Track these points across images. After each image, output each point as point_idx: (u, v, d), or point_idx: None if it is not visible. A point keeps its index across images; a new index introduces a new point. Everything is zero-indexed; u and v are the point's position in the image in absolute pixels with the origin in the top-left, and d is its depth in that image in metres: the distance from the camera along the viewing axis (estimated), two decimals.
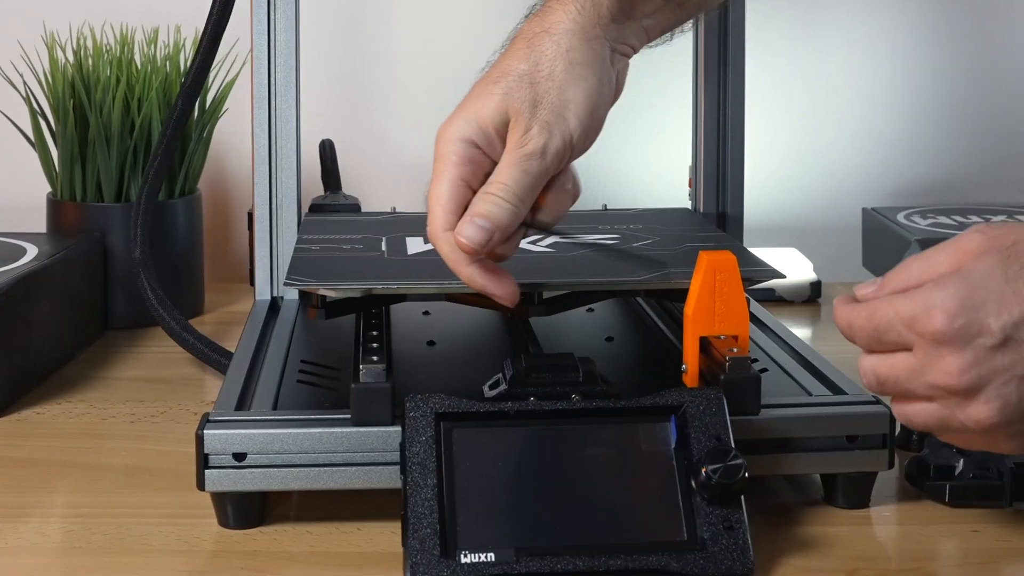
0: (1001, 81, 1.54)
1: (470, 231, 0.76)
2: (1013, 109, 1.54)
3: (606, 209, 1.18)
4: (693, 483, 0.74)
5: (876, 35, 1.53)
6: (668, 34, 0.84)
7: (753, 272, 0.90)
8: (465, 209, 0.78)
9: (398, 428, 0.78)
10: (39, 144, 1.28)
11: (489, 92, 0.77)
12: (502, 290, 0.79)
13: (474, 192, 0.78)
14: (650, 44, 0.83)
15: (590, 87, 0.78)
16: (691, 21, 0.85)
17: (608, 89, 0.80)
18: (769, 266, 0.92)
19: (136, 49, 1.29)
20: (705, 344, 0.81)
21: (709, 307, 0.81)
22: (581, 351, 0.82)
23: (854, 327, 0.70)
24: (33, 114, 1.27)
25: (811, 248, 1.44)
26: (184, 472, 0.88)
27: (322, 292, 0.86)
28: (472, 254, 0.77)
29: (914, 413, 0.69)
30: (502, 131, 0.77)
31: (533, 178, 0.77)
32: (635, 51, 0.82)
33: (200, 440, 0.79)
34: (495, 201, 0.77)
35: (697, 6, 0.84)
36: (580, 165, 1.56)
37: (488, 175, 0.78)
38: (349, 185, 1.35)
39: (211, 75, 1.22)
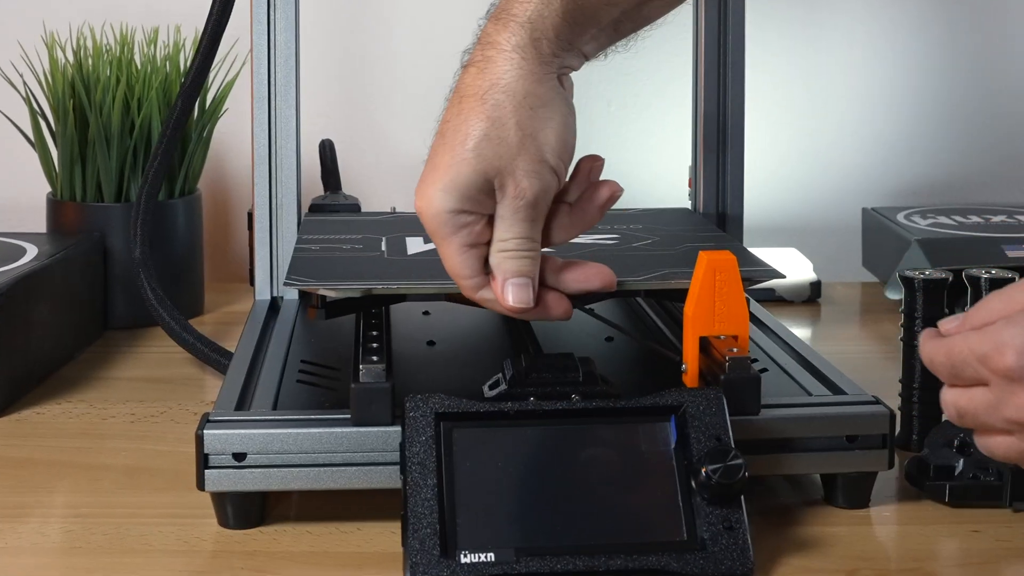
0: (1001, 81, 1.54)
1: (517, 294, 0.79)
2: (1013, 109, 1.54)
3: None
4: (693, 483, 0.74)
5: (876, 35, 1.53)
6: (603, 53, 0.84)
7: (753, 272, 0.90)
8: (484, 263, 0.80)
9: (398, 428, 0.78)
10: (39, 144, 1.28)
11: (461, 158, 0.77)
12: (560, 311, 0.82)
13: (483, 245, 0.79)
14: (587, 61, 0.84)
15: (557, 124, 0.79)
16: (627, 39, 0.85)
17: (571, 116, 0.81)
18: (769, 266, 0.92)
19: (136, 49, 1.29)
20: (705, 344, 0.81)
21: (709, 307, 0.81)
22: (581, 351, 0.82)
23: (935, 362, 0.71)
24: (33, 114, 1.27)
25: (811, 248, 1.44)
26: (184, 472, 0.88)
27: (322, 292, 0.86)
28: (527, 310, 0.80)
29: (995, 445, 0.70)
30: (487, 190, 0.78)
31: (538, 222, 0.80)
32: (576, 69, 0.82)
33: (200, 440, 0.79)
34: (518, 255, 0.79)
35: (632, 29, 0.84)
36: None
37: (485, 225, 0.79)
38: (349, 185, 1.35)
39: (211, 75, 1.22)
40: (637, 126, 1.50)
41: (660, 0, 0.82)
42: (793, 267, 1.37)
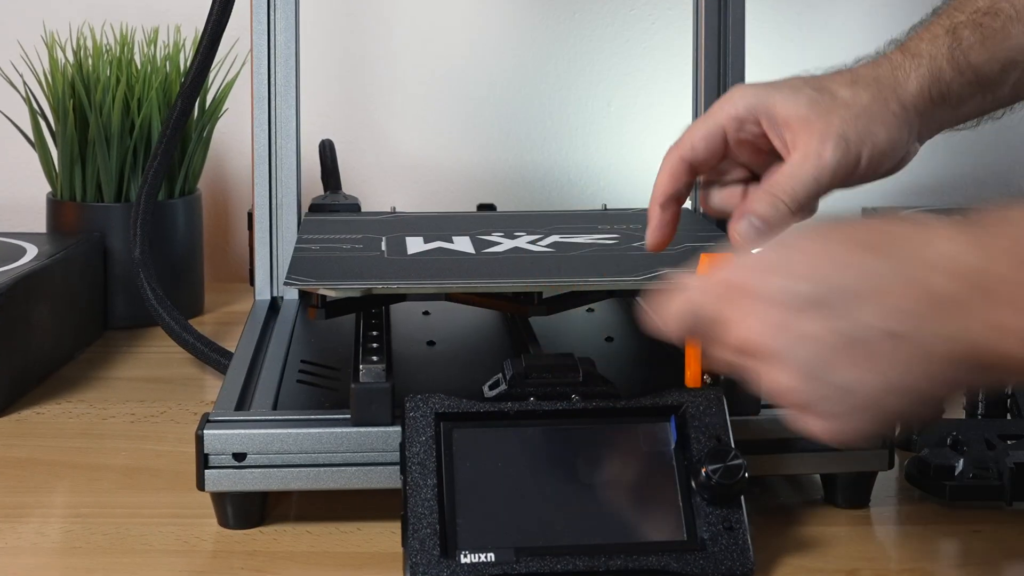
0: None
1: (745, 228, 0.78)
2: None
3: (606, 209, 1.18)
4: (693, 483, 0.74)
5: (876, 34, 1.53)
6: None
7: None
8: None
9: (398, 428, 0.78)
10: (39, 144, 1.28)
11: (797, 88, 0.79)
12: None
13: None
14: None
15: (891, 138, 0.81)
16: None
17: (900, 153, 0.83)
18: None
19: (136, 49, 1.29)
20: None
21: None
22: (581, 351, 0.82)
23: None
24: (33, 114, 1.27)
25: None
26: (184, 472, 0.88)
27: (322, 292, 0.86)
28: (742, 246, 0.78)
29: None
30: (783, 124, 0.78)
31: (817, 190, 0.79)
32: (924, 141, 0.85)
33: (200, 440, 0.79)
34: (777, 205, 0.78)
35: (1011, 97, 0.86)
36: (580, 165, 1.55)
37: (732, 154, 0.81)
38: (349, 185, 1.35)
39: (211, 75, 1.22)
40: (637, 126, 1.50)
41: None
42: None
